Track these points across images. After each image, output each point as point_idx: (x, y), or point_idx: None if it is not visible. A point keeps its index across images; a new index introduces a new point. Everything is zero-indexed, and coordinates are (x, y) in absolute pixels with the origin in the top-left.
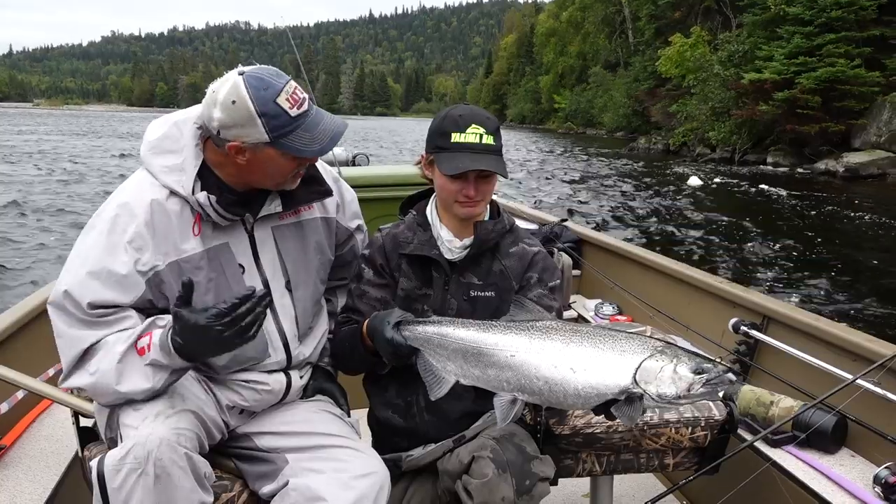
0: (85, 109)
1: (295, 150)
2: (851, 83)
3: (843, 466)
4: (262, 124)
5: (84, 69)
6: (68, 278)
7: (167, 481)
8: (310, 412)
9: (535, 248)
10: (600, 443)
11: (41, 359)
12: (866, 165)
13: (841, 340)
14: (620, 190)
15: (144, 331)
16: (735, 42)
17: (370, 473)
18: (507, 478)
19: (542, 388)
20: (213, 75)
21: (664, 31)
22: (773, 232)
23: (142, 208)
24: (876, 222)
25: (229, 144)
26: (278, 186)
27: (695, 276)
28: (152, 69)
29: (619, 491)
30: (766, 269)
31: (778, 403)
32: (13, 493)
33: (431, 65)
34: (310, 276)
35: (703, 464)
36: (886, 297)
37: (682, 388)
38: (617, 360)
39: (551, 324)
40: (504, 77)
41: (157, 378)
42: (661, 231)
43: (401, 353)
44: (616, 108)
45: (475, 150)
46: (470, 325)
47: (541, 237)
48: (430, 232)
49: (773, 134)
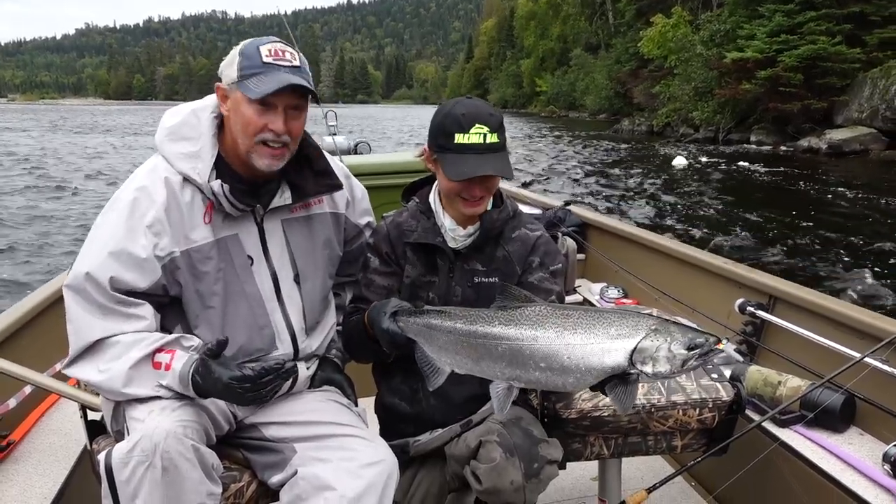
0: (61, 103)
1: (245, 88)
2: (833, 60)
3: (851, 445)
4: (237, 63)
5: (59, 63)
6: (88, 260)
7: (175, 473)
8: (317, 402)
9: (537, 232)
10: (608, 426)
11: (48, 353)
12: (849, 142)
13: (848, 319)
14: (608, 172)
15: (167, 346)
16: (717, 21)
17: (378, 462)
18: (515, 462)
19: (538, 378)
20: (191, 66)
21: (645, 12)
22: (762, 209)
23: (160, 193)
24: (861, 198)
25: (217, 85)
26: (251, 154)
27: (700, 257)
28: (129, 61)
29: (627, 473)
30: (761, 248)
31: (785, 383)
32: (23, 487)
33: (412, 51)
34: (318, 269)
35: (711, 445)
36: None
37: (678, 365)
38: (611, 345)
39: (542, 310)
40: (485, 62)
41: (164, 393)
42: (650, 213)
43: (397, 342)
44: (598, 90)
45: (479, 150)
46: (460, 316)
47: (545, 222)
48: (433, 219)
49: (756, 112)
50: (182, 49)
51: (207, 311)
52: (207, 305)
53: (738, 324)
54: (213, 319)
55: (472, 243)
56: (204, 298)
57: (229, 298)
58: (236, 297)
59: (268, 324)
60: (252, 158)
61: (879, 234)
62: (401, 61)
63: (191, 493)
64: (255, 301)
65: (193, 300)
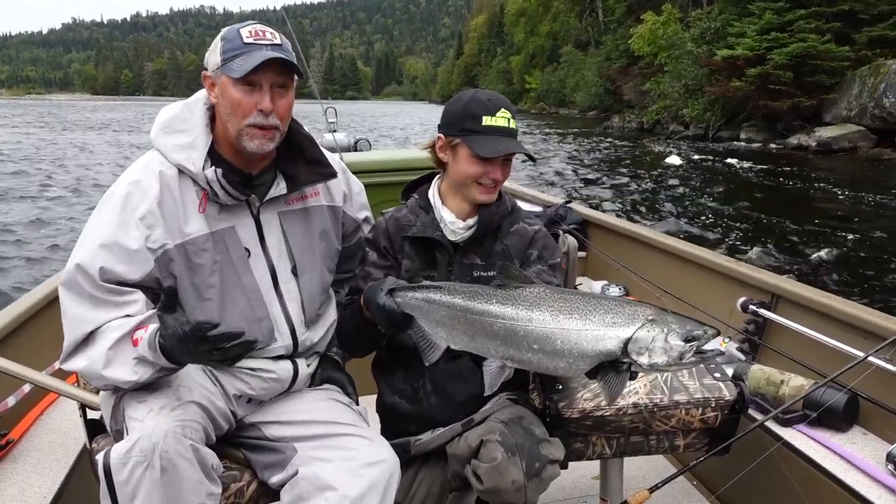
0: (48, 98)
1: (229, 69)
2: (822, 58)
3: (855, 445)
4: (220, 47)
5: (45, 57)
6: (80, 253)
7: (174, 473)
8: (318, 401)
9: (535, 226)
10: (610, 426)
11: (47, 352)
12: (838, 139)
13: (851, 317)
14: (599, 169)
15: (144, 322)
16: (707, 19)
17: (379, 461)
18: (516, 461)
19: (530, 359)
20: (180, 62)
21: (635, 10)
22: (754, 205)
23: (153, 186)
24: (850, 196)
25: (204, 74)
26: (241, 137)
27: (702, 255)
28: (116, 56)
29: (629, 472)
30: (755, 244)
31: (788, 382)
32: (22, 486)
33: (401, 47)
34: (315, 262)
35: (713, 444)
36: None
37: (674, 357)
38: (605, 333)
39: (540, 291)
40: (475, 58)
41: (143, 372)
42: (641, 209)
43: (394, 319)
44: (588, 87)
45: (505, 133)
46: (458, 291)
47: (545, 219)
48: (432, 214)
49: (746, 110)
50: (170, 44)
51: (204, 304)
52: (204, 298)
53: (741, 322)
54: (210, 312)
55: (471, 236)
56: (200, 291)
57: (226, 291)
58: (233, 289)
59: (266, 316)
60: (243, 141)
61: (871, 228)
62: (391, 57)
63: (190, 493)
64: (252, 293)
65: (190, 293)
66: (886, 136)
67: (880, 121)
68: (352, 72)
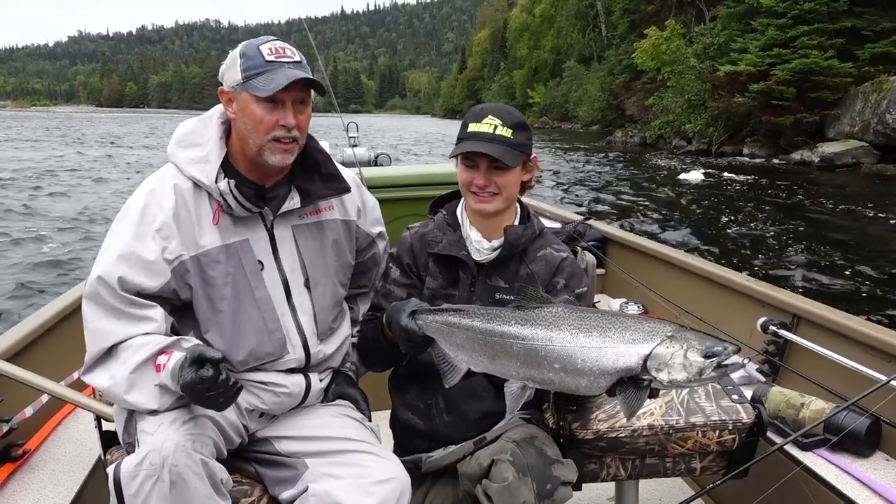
0: (53, 111)
1: (253, 87)
2: (825, 74)
3: (877, 471)
4: (239, 64)
5: (51, 70)
6: (100, 265)
7: (183, 487)
8: (330, 416)
9: (563, 253)
10: (625, 447)
11: (65, 363)
12: (841, 155)
13: (874, 340)
14: (605, 184)
15: (167, 347)
16: (710, 35)
17: (390, 479)
18: (527, 482)
19: (551, 379)
20: (184, 74)
21: (638, 25)
22: (763, 221)
23: (169, 199)
24: (854, 211)
25: (221, 90)
26: (263, 151)
27: (722, 274)
28: (121, 69)
29: (644, 494)
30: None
31: (809, 405)
32: (37, 496)
33: (405, 61)
34: (328, 275)
35: (731, 468)
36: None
37: (694, 373)
38: (625, 350)
39: (559, 311)
40: (478, 72)
41: (164, 400)
42: (649, 226)
43: (415, 340)
44: (591, 101)
45: (485, 138)
46: (478, 315)
47: (564, 236)
48: (459, 232)
49: (749, 125)
50: (175, 57)
51: (218, 316)
52: (218, 310)
53: (761, 343)
54: (223, 324)
55: (497, 257)
56: (214, 303)
57: (239, 303)
58: (246, 301)
59: (278, 328)
60: (264, 155)
61: (878, 245)
62: (394, 71)
63: None
64: (265, 306)
65: (203, 305)
66: (889, 152)
67: (883, 137)
68: (355, 85)
